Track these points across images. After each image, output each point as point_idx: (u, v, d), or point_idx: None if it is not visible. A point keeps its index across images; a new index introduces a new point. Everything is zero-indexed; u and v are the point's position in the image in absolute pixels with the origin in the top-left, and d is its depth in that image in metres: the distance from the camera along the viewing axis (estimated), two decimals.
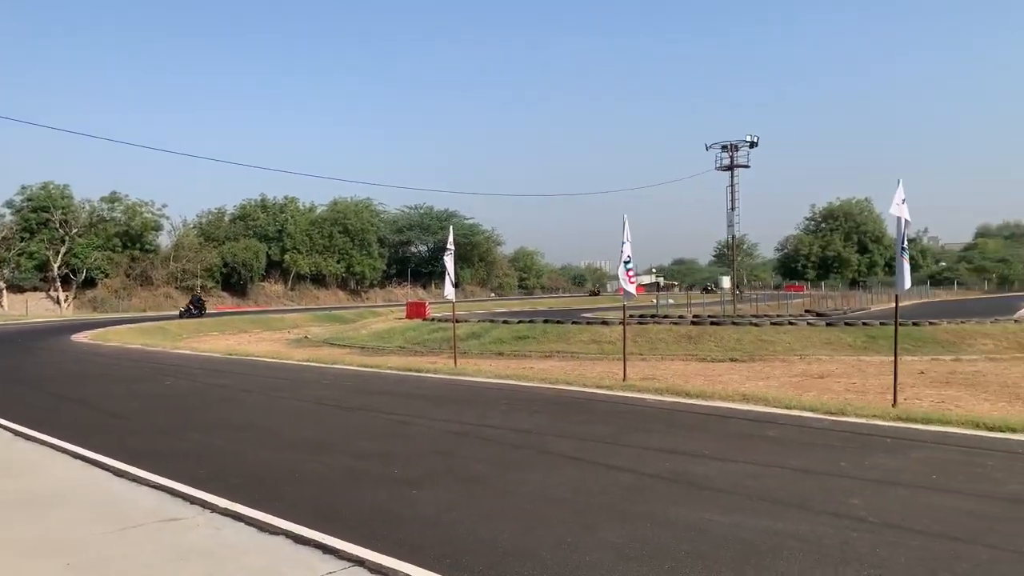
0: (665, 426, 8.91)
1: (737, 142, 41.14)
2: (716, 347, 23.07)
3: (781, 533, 4.79)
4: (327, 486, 6.28)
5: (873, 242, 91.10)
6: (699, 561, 4.32)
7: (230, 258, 66.98)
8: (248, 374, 15.89)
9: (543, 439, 8.04)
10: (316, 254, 73.91)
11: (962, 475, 6.22)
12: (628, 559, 4.37)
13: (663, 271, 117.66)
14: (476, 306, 56.13)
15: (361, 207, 79.20)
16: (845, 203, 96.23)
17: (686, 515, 5.19)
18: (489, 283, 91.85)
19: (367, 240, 77.87)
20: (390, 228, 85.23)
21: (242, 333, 39.86)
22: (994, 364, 19.08)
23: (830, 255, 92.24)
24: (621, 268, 14.38)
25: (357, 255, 76.70)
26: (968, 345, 22.59)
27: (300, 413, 10.55)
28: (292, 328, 42.16)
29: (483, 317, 33.20)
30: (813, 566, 4.23)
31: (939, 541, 4.60)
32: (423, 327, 30.67)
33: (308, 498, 5.87)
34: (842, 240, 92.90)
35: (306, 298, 73.14)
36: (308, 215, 77.37)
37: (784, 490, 5.85)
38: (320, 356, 20.29)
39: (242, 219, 74.17)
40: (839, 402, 10.38)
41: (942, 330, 24.19)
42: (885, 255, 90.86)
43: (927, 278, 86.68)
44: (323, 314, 51.37)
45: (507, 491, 5.94)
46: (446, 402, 11.24)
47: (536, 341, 25.40)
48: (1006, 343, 23.09)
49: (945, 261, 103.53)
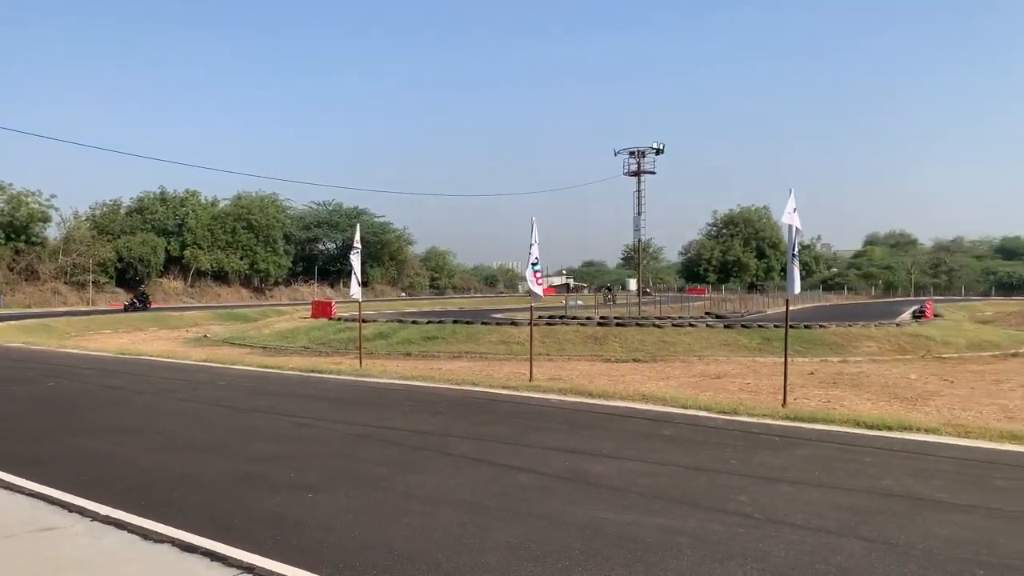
0: (567, 426, 9.04)
1: (644, 148, 42.24)
2: (621, 348, 23.60)
3: (672, 530, 4.93)
4: (220, 491, 6.07)
5: (770, 248, 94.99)
6: (592, 559, 4.40)
7: (125, 252, 63.86)
8: (141, 375, 15.19)
9: (445, 441, 8.02)
10: (218, 250, 71.33)
11: (842, 471, 6.57)
12: (523, 559, 4.40)
13: (573, 273, 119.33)
14: (386, 306, 55.46)
15: (267, 202, 76.91)
16: (745, 210, 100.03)
17: (582, 514, 5.28)
18: (399, 283, 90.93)
19: (272, 236, 75.72)
20: (297, 225, 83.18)
21: (136, 331, 38.09)
22: (877, 365, 20.24)
23: (730, 260, 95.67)
24: (529, 270, 14.52)
25: (262, 252, 74.49)
26: (854, 347, 23.90)
27: (194, 415, 10.16)
28: (191, 327, 40.59)
29: (392, 317, 32.84)
30: (701, 562, 4.37)
31: (818, 535, 4.84)
32: (328, 327, 30.09)
33: (199, 504, 5.66)
34: (741, 245, 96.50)
35: (207, 296, 70.49)
36: (210, 209, 74.57)
37: (677, 488, 6.03)
38: (219, 356, 19.61)
39: (139, 212, 70.83)
40: (733, 402, 10.79)
41: (831, 333, 25.50)
42: (781, 260, 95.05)
43: (820, 283, 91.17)
44: (224, 312, 49.66)
45: (406, 493, 5.89)
46: (348, 404, 11.06)
47: (445, 342, 25.33)
48: (888, 346, 24.56)
49: (837, 267, 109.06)
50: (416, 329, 27.40)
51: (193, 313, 48.55)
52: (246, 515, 5.36)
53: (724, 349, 23.30)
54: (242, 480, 6.43)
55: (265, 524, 5.14)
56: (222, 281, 74.19)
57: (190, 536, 4.82)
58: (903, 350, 24.13)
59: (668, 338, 24.47)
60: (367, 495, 5.86)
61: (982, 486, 6.07)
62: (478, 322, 28.16)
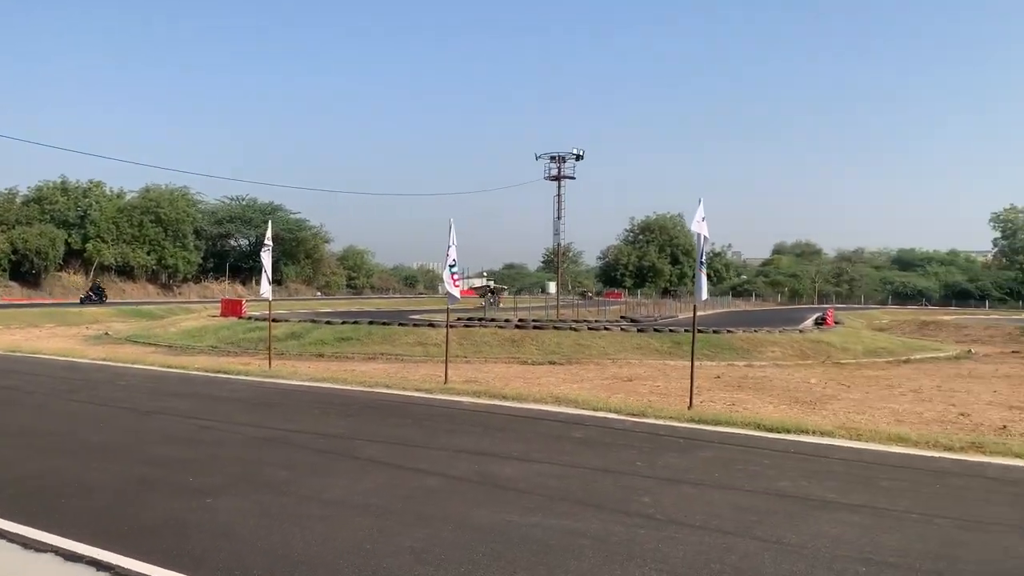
0: (479, 428, 9.04)
1: (564, 154, 42.73)
2: (537, 350, 23.76)
3: (576, 532, 4.99)
4: (113, 497, 5.80)
5: (684, 255, 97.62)
6: (495, 562, 4.41)
7: (21, 244, 60.26)
8: (34, 374, 14.38)
9: (353, 444, 7.89)
10: (124, 244, 68.16)
11: (741, 473, 6.79)
12: (425, 563, 4.38)
13: (494, 275, 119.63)
14: (300, 305, 54.18)
15: (177, 195, 73.98)
16: (660, 217, 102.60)
17: (488, 517, 5.28)
18: (315, 281, 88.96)
19: (182, 231, 72.86)
20: (209, 220, 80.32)
21: (31, 328, 35.96)
22: (780, 370, 21.04)
23: (646, 265, 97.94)
24: (446, 272, 14.45)
25: (170, 247, 71.59)
26: (760, 352, 24.78)
27: (91, 417, 9.68)
28: (91, 323, 38.60)
29: (305, 317, 32.12)
30: (602, 563, 4.44)
31: (715, 535, 4.99)
32: (238, 326, 29.18)
33: (90, 511, 5.40)
34: (657, 252, 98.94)
35: (110, 291, 67.03)
36: (116, 201, 71.19)
37: (583, 490, 6.11)
38: (120, 355, 18.75)
39: (37, 202, 67.00)
40: (642, 404, 11.03)
41: (738, 338, 26.36)
42: (693, 267, 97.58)
43: (730, 289, 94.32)
44: (129, 309, 47.47)
45: (309, 498, 5.77)
46: (255, 406, 10.74)
47: (360, 343, 24.94)
48: (791, 351, 25.58)
49: (746, 274, 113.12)
50: (330, 329, 26.88)
51: (94, 309, 46.22)
52: (140, 522, 5.14)
53: (637, 352, 23.77)
54: (138, 485, 6.17)
55: (159, 531, 4.94)
56: (127, 276, 70.99)
57: (76, 545, 4.59)
58: (805, 355, 25.17)
59: (584, 341, 24.79)
60: (269, 500, 5.71)
61: (870, 486, 6.38)
62: (395, 323, 27.85)
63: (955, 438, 8.59)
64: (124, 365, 15.84)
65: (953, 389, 16.21)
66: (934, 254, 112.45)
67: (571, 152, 42.83)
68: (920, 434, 8.84)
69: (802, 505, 5.75)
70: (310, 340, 25.39)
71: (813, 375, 19.19)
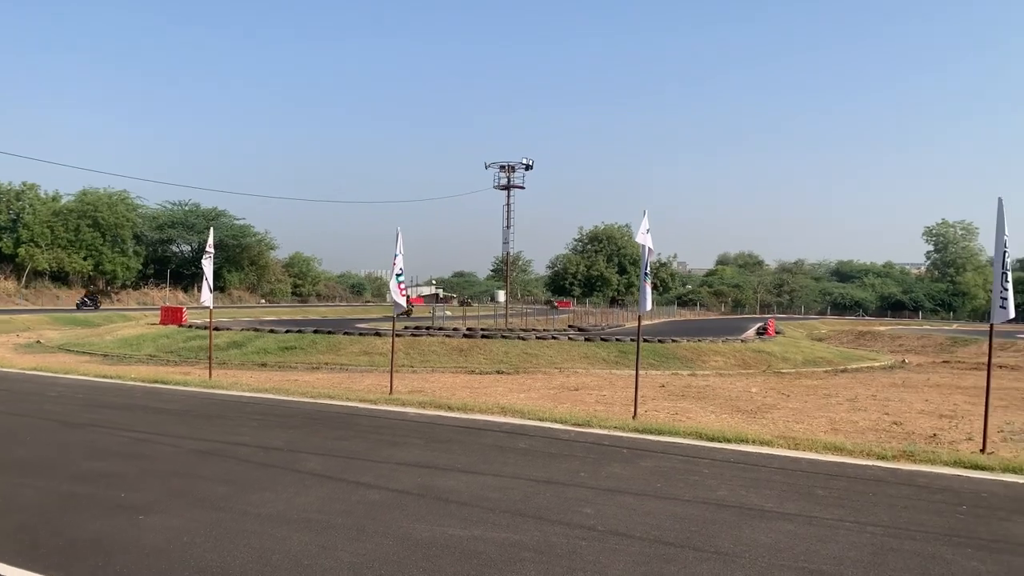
0: (423, 440, 8.96)
1: (514, 163, 42.89)
2: (485, 360, 23.76)
3: (517, 544, 4.98)
4: (37, 514, 5.57)
5: (631, 264, 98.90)
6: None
7: None
8: None
9: (295, 457, 7.75)
10: (59, 249, 65.86)
11: (682, 483, 6.88)
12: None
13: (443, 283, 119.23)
14: (243, 313, 53.11)
15: (116, 200, 71.80)
16: (608, 227, 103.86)
17: (428, 531, 5.24)
18: (260, 289, 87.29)
19: (122, 236, 70.76)
20: (149, 225, 78.22)
21: None
22: (723, 379, 21.42)
23: (594, 275, 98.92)
24: (393, 280, 14.33)
25: (108, 252, 69.40)
26: (703, 362, 25.22)
27: (16, 430, 9.29)
28: (23, 331, 37.16)
29: (248, 325, 31.50)
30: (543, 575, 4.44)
31: (655, 546, 5.04)
32: (178, 334, 28.48)
33: (11, 529, 5.17)
34: (605, 261, 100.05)
35: (44, 298, 64.87)
36: (51, 205, 68.78)
37: (525, 501, 6.10)
38: (52, 364, 18.11)
39: None
40: (587, 414, 11.09)
41: (682, 347, 26.79)
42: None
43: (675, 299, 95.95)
44: (63, 317, 45.85)
45: (247, 513, 5.63)
46: (194, 418, 10.47)
47: (304, 352, 24.58)
48: (733, 360, 26.09)
49: (691, 284, 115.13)
50: (273, 338, 26.42)
51: (26, 316, 44.53)
52: (65, 541, 4.95)
53: (584, 361, 23.95)
54: (65, 502, 5.94)
55: (84, 550, 4.76)
56: (62, 282, 68.57)
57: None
58: (747, 365, 25.70)
59: (531, 350, 24.88)
60: (205, 516, 5.56)
61: (805, 495, 6.52)
62: (340, 332, 27.52)
63: (888, 447, 8.85)
64: (56, 375, 15.29)
65: (887, 398, 16.72)
66: (871, 266, 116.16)
67: (521, 162, 43.04)
68: (855, 443, 9.08)
69: (740, 515, 5.84)
70: (253, 349, 24.92)
71: (754, 384, 19.58)
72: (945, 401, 16.36)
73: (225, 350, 24.37)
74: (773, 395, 16.97)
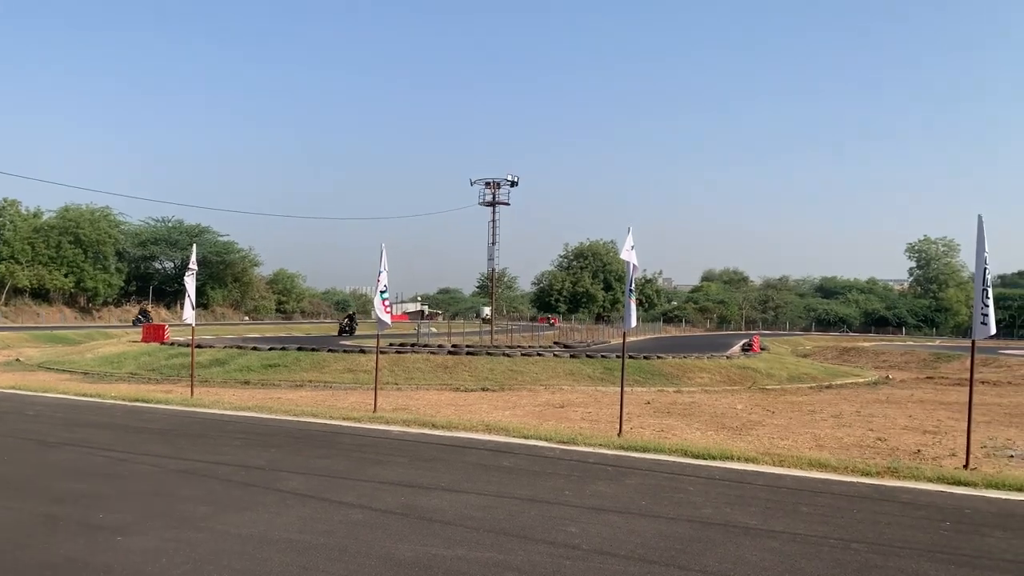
0: (407, 459, 8.89)
1: (499, 180, 43.06)
2: (470, 377, 23.66)
3: (501, 564, 4.94)
4: (13, 536, 5.46)
5: (617, 281, 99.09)
6: None
7: None
8: None
9: (277, 476, 7.66)
10: (39, 266, 65.22)
11: (667, 501, 6.85)
12: None
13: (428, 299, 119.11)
14: (227, 330, 52.70)
15: (98, 216, 71.32)
16: (594, 244, 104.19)
17: (411, 551, 5.18)
18: (243, 306, 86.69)
19: (104, 253, 70.21)
20: (132, 241, 77.66)
21: None
22: (708, 395, 21.45)
23: (580, 291, 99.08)
24: (377, 298, 14.25)
25: (90, 269, 68.78)
26: (688, 378, 25.25)
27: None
28: (2, 349, 36.70)
29: (231, 343, 31.27)
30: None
31: (640, 564, 5.00)
32: (160, 352, 28.19)
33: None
34: (590, 278, 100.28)
35: (24, 315, 64.14)
36: (32, 221, 68.21)
37: (510, 520, 6.06)
38: (31, 383, 17.84)
39: None
40: (573, 431, 11.05)
41: (668, 364, 26.82)
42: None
43: (661, 315, 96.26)
44: (44, 334, 45.32)
45: (227, 534, 5.55)
46: (175, 437, 10.34)
47: (287, 369, 24.39)
48: (719, 377, 26.14)
49: (676, 300, 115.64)
50: (256, 356, 26.22)
51: (6, 334, 43.97)
52: (41, 563, 4.86)
53: (569, 378, 23.91)
54: (43, 522, 5.84)
55: (62, 572, 4.67)
56: (42, 299, 67.86)
57: None
58: (732, 381, 25.76)
59: (517, 367, 24.81)
60: (184, 536, 5.47)
61: (790, 512, 6.52)
62: (324, 349, 27.35)
63: (872, 463, 8.88)
64: (34, 393, 15.08)
65: (871, 414, 16.79)
66: (854, 282, 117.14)
67: (506, 178, 43.21)
68: (839, 460, 9.10)
69: (726, 532, 5.82)
70: (235, 367, 24.71)
71: (739, 401, 19.61)
72: (929, 417, 16.45)
73: (208, 368, 24.15)
74: (758, 411, 17.00)
